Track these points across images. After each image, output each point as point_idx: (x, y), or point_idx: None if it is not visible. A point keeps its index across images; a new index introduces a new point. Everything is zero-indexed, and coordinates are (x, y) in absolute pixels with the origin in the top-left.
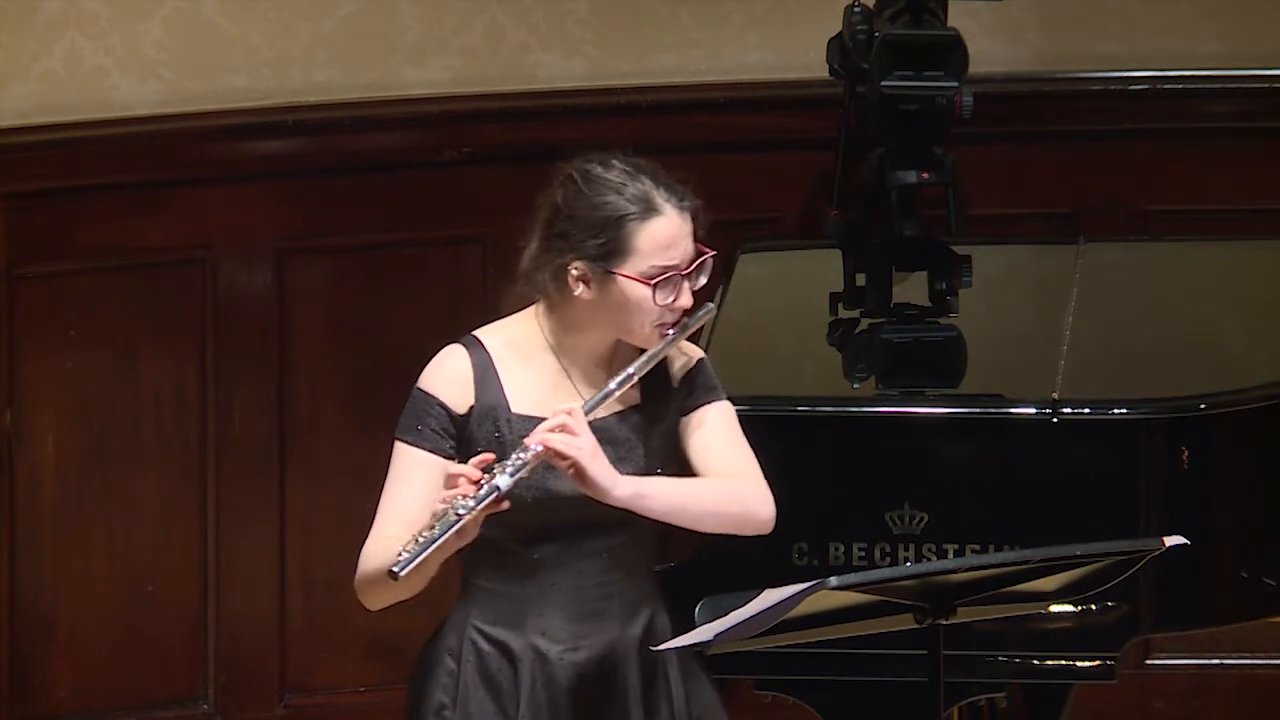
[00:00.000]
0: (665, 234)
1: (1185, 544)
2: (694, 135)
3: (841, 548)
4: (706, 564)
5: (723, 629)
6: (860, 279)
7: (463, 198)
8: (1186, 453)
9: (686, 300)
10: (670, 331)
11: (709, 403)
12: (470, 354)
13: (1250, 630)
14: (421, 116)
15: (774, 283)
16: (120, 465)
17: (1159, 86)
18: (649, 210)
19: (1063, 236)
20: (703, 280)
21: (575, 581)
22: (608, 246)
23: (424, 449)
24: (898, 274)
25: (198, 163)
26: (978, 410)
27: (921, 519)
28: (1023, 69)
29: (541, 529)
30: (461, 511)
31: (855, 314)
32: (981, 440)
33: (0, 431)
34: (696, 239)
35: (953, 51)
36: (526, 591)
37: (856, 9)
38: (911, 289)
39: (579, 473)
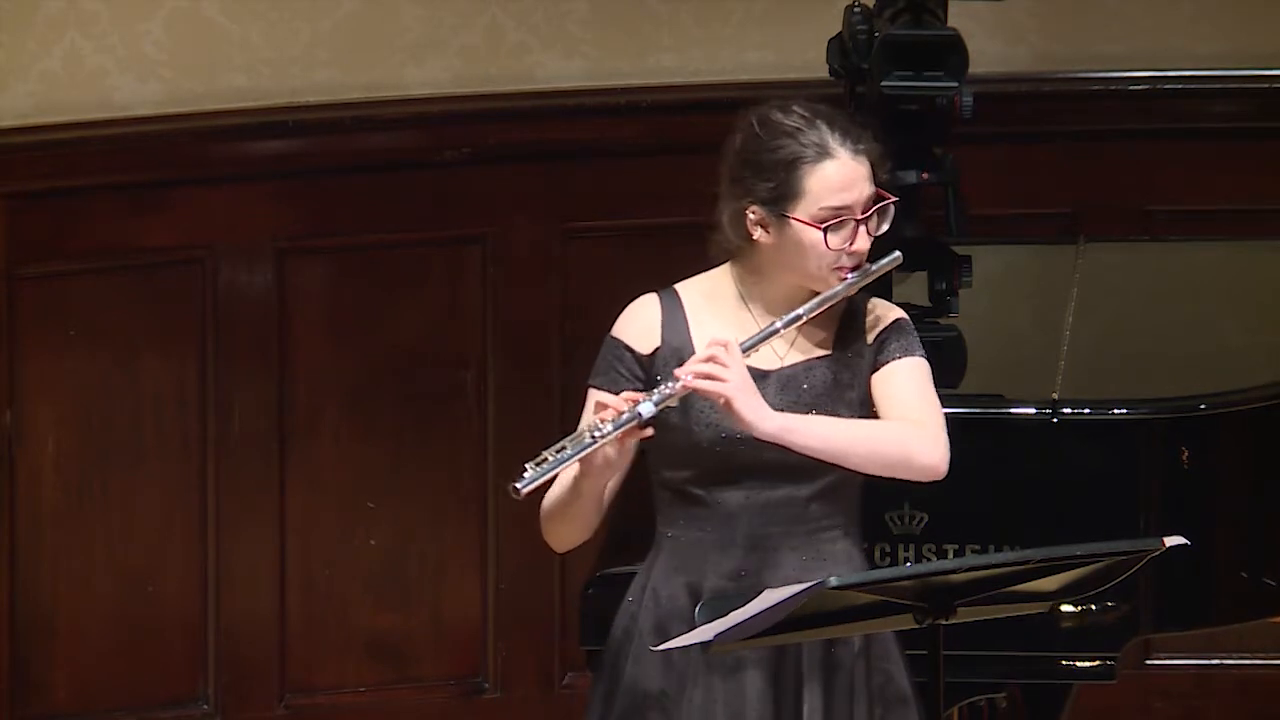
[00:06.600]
0: (837, 177)
1: (1185, 544)
2: (694, 135)
3: None
4: None
5: (723, 629)
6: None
7: (463, 198)
8: (1186, 453)
9: (862, 245)
10: (848, 275)
11: (900, 358)
12: (662, 300)
13: (1250, 630)
14: (421, 116)
15: None
16: (120, 465)
17: (1159, 86)
18: (822, 154)
19: (1063, 236)
20: (884, 226)
21: (758, 530)
22: (780, 190)
23: (614, 392)
24: (898, 274)
25: (198, 163)
26: (978, 410)
27: (921, 519)
28: (1023, 69)
29: (722, 473)
30: (598, 434)
31: None
32: (981, 440)
33: (0, 431)
34: (878, 184)
35: (953, 51)
36: (707, 537)
37: (856, 9)
38: (911, 289)
39: (727, 405)
